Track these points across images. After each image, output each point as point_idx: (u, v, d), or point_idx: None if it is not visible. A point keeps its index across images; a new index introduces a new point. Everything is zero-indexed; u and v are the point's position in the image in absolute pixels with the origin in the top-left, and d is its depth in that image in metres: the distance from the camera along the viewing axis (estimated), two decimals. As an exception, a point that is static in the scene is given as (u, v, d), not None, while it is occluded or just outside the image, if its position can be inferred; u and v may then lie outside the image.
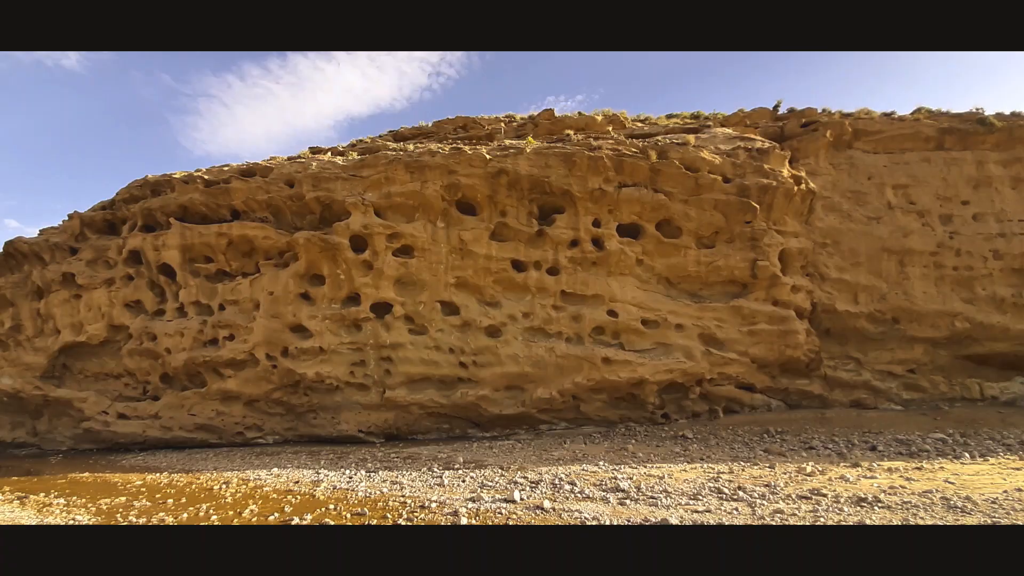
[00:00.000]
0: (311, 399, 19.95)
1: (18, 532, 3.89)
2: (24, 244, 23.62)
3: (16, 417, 24.57)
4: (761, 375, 18.53)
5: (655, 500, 9.72)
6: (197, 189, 20.55)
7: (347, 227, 18.31)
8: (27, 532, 4.00)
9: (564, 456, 14.59)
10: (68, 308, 22.47)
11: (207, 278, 20.72)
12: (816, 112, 22.06)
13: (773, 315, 18.13)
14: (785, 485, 10.14)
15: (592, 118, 22.08)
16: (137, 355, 21.52)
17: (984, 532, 4.32)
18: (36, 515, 11.64)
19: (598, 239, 18.27)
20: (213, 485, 13.86)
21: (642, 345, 18.06)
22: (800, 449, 13.91)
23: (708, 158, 18.14)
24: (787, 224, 18.78)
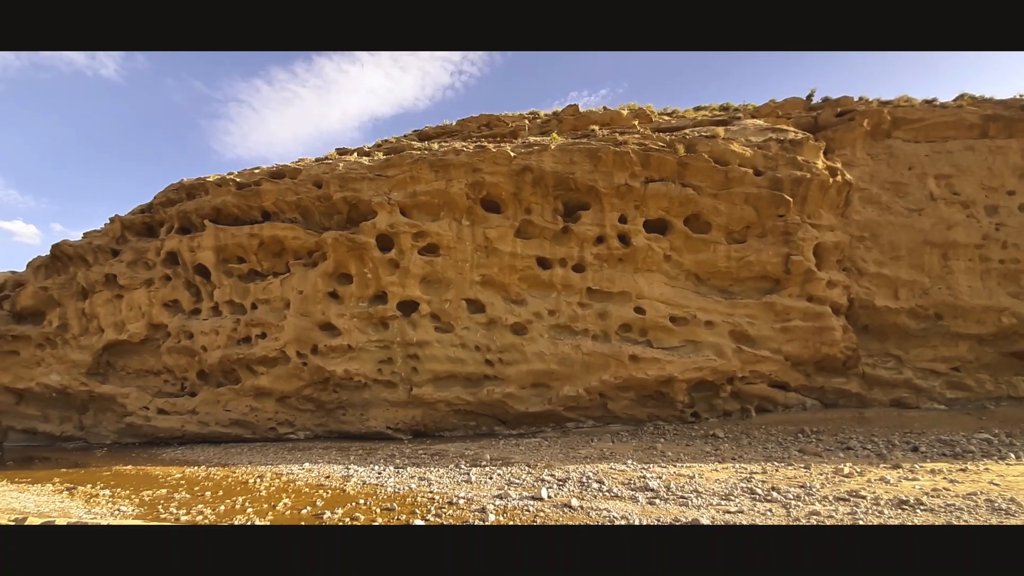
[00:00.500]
0: (340, 396, 20.30)
1: (18, 532, 3.92)
2: (69, 247, 24.71)
3: (64, 412, 25.78)
4: (795, 373, 17.98)
5: (685, 500, 9.55)
6: (229, 192, 21.12)
7: (373, 226, 18.53)
8: (27, 532, 4.03)
9: (591, 454, 14.47)
10: (111, 308, 23.41)
11: (240, 278, 21.29)
12: (852, 101, 21.23)
13: (808, 311, 17.56)
14: (821, 486, 9.84)
15: (618, 113, 21.76)
16: (175, 353, 22.29)
17: (984, 532, 4.16)
18: (84, 505, 12.17)
19: (624, 235, 18.01)
20: (248, 479, 14.25)
21: (671, 342, 17.74)
22: (837, 450, 13.46)
23: (738, 150, 17.66)
24: (822, 217, 18.16)
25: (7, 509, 11.63)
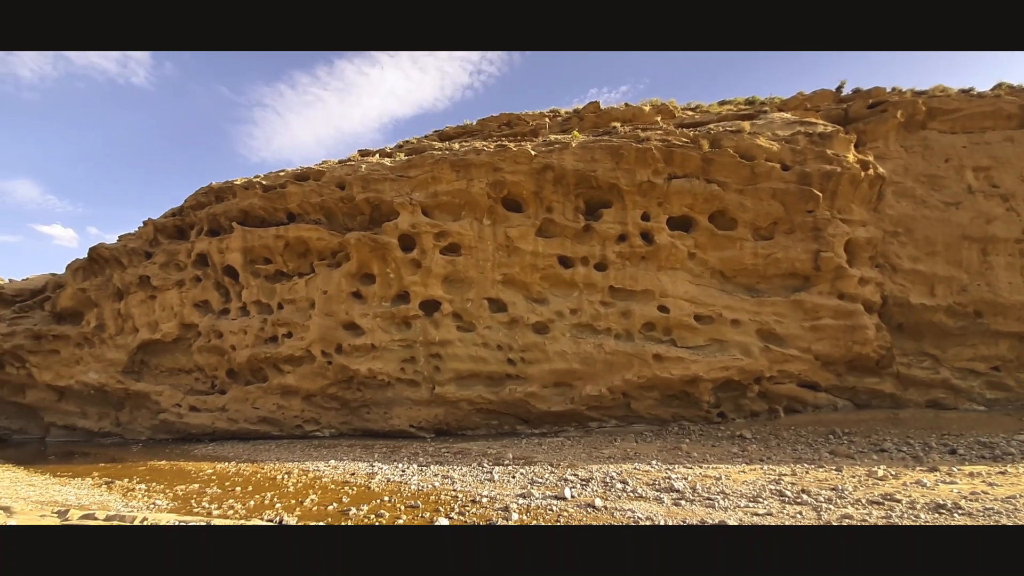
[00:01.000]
0: (364, 394, 20.57)
1: (18, 532, 3.97)
2: (105, 250, 25.60)
3: (102, 409, 26.75)
4: (826, 373, 17.50)
5: (712, 501, 9.40)
6: (256, 194, 21.58)
7: (395, 227, 18.70)
8: (28, 532, 4.07)
9: (615, 454, 14.35)
10: (145, 308, 24.19)
11: (266, 278, 21.74)
12: (884, 91, 20.55)
13: (839, 309, 17.06)
14: (854, 489, 9.59)
15: (640, 109, 21.50)
16: (205, 351, 22.92)
17: (984, 532, 4.06)
18: (121, 499, 12.60)
19: (647, 233, 17.79)
20: (276, 475, 14.55)
21: (695, 341, 17.45)
22: (870, 451, 13.08)
23: (765, 145, 17.25)
24: (853, 212, 17.62)
25: (50, 501, 12.11)
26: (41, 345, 26.57)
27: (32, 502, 12.05)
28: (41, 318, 27.45)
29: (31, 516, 9.85)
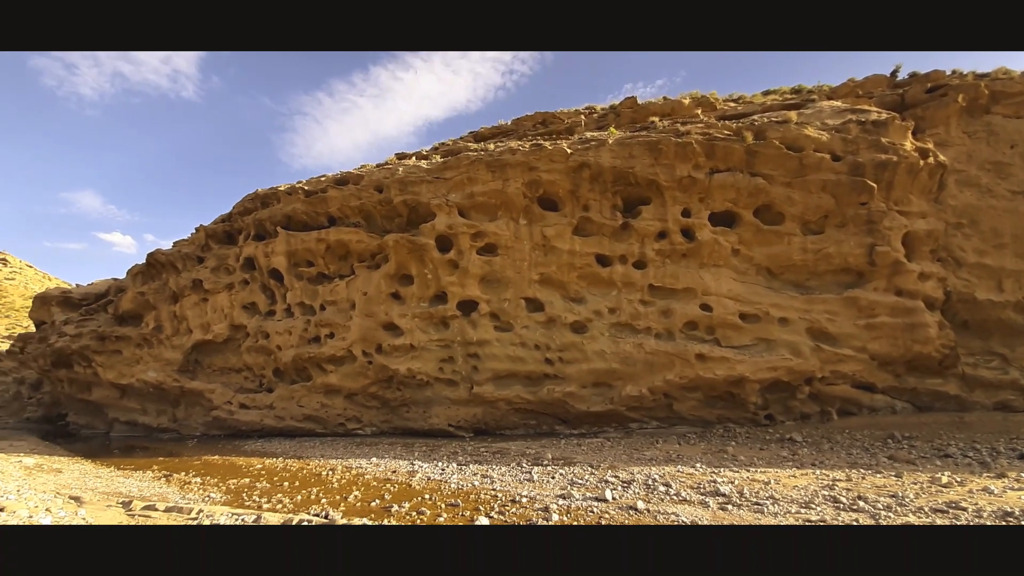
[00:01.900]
0: (404, 394, 20.89)
1: (18, 532, 4.03)
2: (162, 255, 27.01)
3: (160, 405, 28.25)
4: (883, 373, 16.55)
5: (760, 506, 9.03)
6: (299, 199, 22.27)
7: (433, 228, 18.91)
8: (27, 532, 4.14)
9: (657, 456, 14.02)
10: (198, 310, 25.38)
11: (309, 280, 22.41)
12: (944, 75, 19.31)
13: (896, 306, 16.11)
14: (916, 496, 9.05)
15: (679, 102, 20.95)
16: (253, 351, 23.83)
17: (984, 532, 3.86)
18: (179, 491, 13.22)
19: (688, 229, 17.30)
20: (321, 471, 14.94)
21: (741, 341, 16.84)
22: (933, 457, 12.30)
23: (813, 135, 16.48)
24: (912, 203, 16.60)
25: (115, 492, 12.84)
26: (105, 345, 28.30)
27: (99, 493, 12.81)
28: (105, 320, 29.25)
29: (99, 506, 10.46)
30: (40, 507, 9.25)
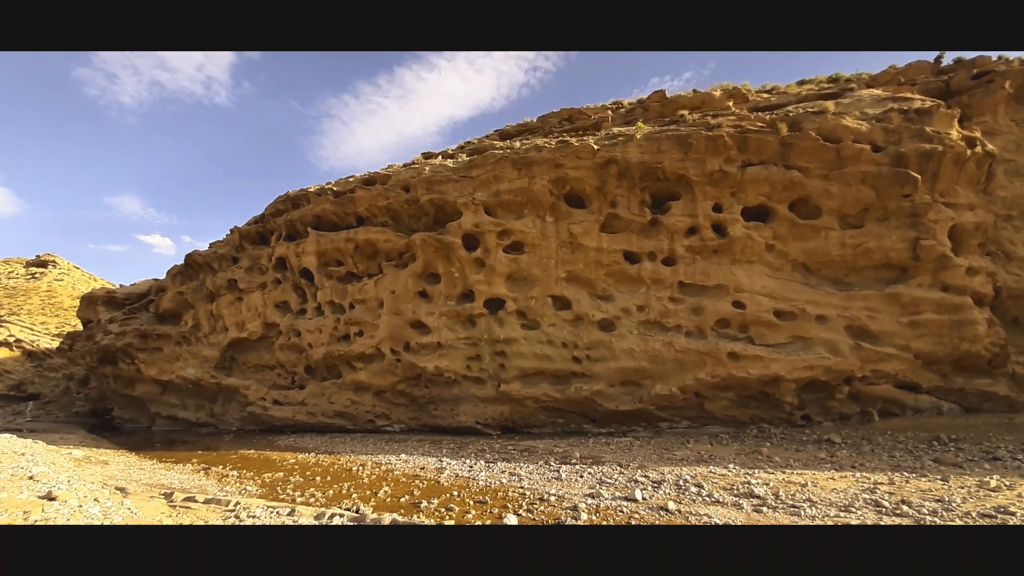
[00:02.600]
0: (431, 391, 21.06)
1: (18, 532, 4.07)
2: (199, 256, 27.94)
3: (198, 401, 29.25)
4: (928, 373, 15.81)
5: (797, 509, 8.75)
6: (328, 200, 22.69)
7: (459, 226, 18.98)
8: (27, 532, 4.17)
9: (688, 456, 13.74)
10: (233, 309, 26.16)
11: (339, 280, 22.82)
12: (990, 60, 18.35)
13: (942, 303, 15.36)
14: (963, 501, 8.65)
15: (709, 94, 20.44)
16: (286, 349, 24.42)
17: (984, 532, 3.74)
18: (217, 484, 13.64)
19: (719, 225, 16.88)
20: (351, 466, 15.20)
21: (776, 339, 16.34)
22: (981, 460, 11.69)
23: (852, 125, 15.85)
24: (958, 195, 15.79)
25: (158, 484, 13.34)
26: (147, 343, 29.47)
27: (143, 484, 13.32)
28: (146, 319, 30.45)
29: (143, 497, 10.87)
30: (89, 497, 9.66)
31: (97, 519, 8.18)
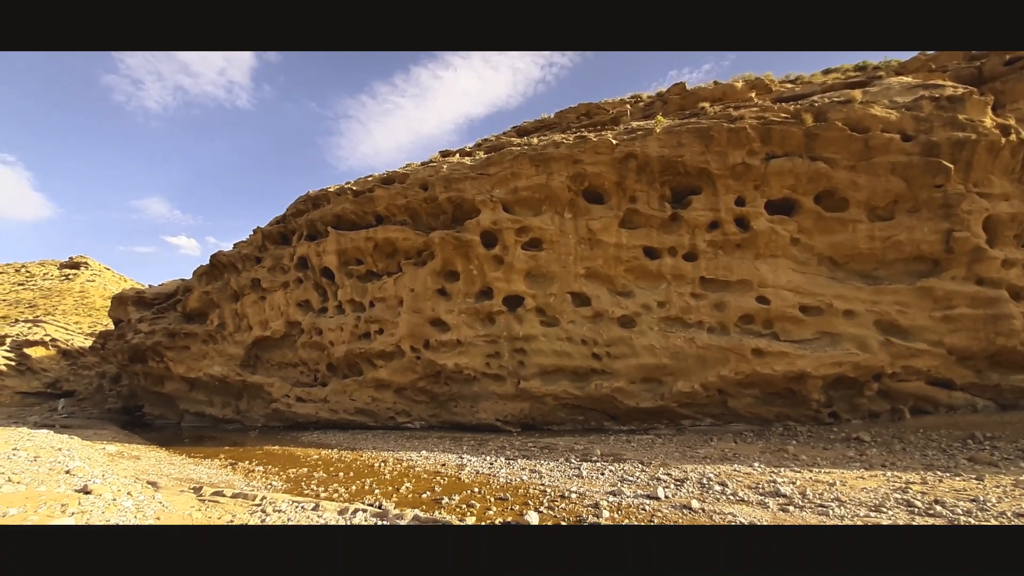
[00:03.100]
0: (451, 388, 21.16)
1: (18, 532, 4.11)
2: (223, 256, 28.54)
3: (225, 398, 29.94)
4: (962, 369, 15.27)
5: (825, 509, 8.56)
6: (347, 199, 22.94)
7: (477, 224, 18.99)
8: (27, 532, 4.21)
9: (711, 454, 13.53)
10: (257, 308, 26.67)
11: (359, 278, 23.07)
12: (1028, 43, 17.52)
13: (977, 296, 14.82)
14: (998, 501, 8.39)
15: (731, 86, 20.02)
16: (308, 347, 24.80)
17: (984, 532, 3.76)
18: (243, 479, 13.93)
19: (742, 219, 16.55)
20: (373, 463, 15.37)
21: (801, 335, 15.97)
22: (1018, 458, 11.27)
23: (880, 114, 15.36)
24: (993, 185, 15.19)
25: (187, 479, 13.68)
26: (175, 342, 30.26)
27: (173, 479, 13.68)
28: (174, 318, 31.26)
29: (173, 491, 11.16)
30: (122, 491, 9.96)
31: (130, 512, 8.43)
